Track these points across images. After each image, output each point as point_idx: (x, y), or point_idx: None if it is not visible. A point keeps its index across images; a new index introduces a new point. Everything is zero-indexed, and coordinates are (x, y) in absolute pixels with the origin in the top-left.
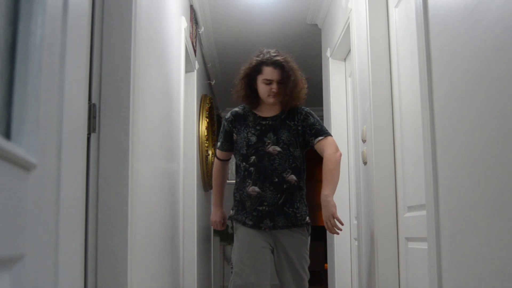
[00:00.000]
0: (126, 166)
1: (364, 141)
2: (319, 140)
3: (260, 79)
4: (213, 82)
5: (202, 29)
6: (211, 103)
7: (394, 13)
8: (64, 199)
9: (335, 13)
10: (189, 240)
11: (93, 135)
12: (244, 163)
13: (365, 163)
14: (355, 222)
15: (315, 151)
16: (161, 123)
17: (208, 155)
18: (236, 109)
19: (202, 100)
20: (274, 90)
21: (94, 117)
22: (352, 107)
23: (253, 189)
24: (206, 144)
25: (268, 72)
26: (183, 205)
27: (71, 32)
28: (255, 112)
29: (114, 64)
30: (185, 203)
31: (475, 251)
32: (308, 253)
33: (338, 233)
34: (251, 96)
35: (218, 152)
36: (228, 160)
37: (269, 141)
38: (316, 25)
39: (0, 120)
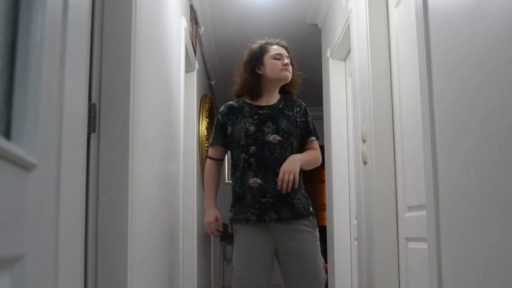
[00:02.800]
0: (126, 166)
1: (364, 141)
2: (312, 140)
3: (268, 57)
4: (213, 82)
5: (202, 29)
6: (211, 103)
7: (394, 13)
8: (64, 199)
9: (335, 13)
10: (189, 240)
11: (93, 135)
12: (243, 154)
13: (365, 163)
14: (355, 222)
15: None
16: (161, 123)
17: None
18: (230, 102)
19: (202, 100)
20: (286, 62)
21: (94, 117)
22: (352, 107)
23: (254, 180)
24: (206, 144)
25: (276, 48)
26: (183, 205)
27: (71, 32)
28: (251, 102)
29: (114, 64)
30: (185, 203)
31: (475, 251)
32: (319, 249)
33: (285, 190)
34: (254, 81)
35: (210, 149)
36: (221, 160)
37: (268, 130)
38: (316, 25)
39: (0, 120)
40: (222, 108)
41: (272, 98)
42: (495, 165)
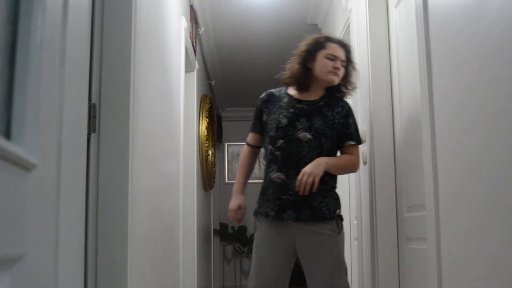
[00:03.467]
0: (126, 166)
1: (364, 141)
2: (351, 145)
3: (322, 54)
4: (213, 82)
5: (202, 29)
6: (211, 103)
7: (394, 13)
8: (64, 199)
9: (335, 13)
10: (189, 240)
11: (93, 135)
12: (271, 146)
13: (365, 163)
14: (355, 222)
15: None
16: (161, 123)
17: (208, 155)
18: (272, 89)
19: (202, 100)
20: (337, 66)
21: (94, 117)
22: (352, 107)
23: (277, 175)
24: (206, 144)
25: (334, 48)
26: (183, 205)
27: (71, 32)
28: (293, 94)
29: (114, 64)
30: (185, 203)
31: (475, 251)
32: (342, 254)
33: (303, 192)
34: (303, 75)
35: (249, 136)
36: (257, 147)
37: (300, 126)
38: (316, 25)
39: (0, 120)
40: (263, 94)
41: (315, 94)
42: (495, 165)
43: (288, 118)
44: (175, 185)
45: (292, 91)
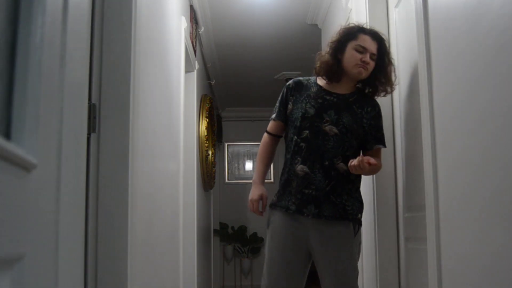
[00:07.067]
0: (126, 166)
1: None
2: (379, 148)
3: (351, 45)
4: (213, 82)
5: (202, 29)
6: (211, 103)
7: (394, 13)
8: (64, 199)
9: (335, 13)
10: (189, 240)
11: (93, 135)
12: (296, 137)
13: None
14: None
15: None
16: (161, 123)
17: (208, 155)
18: (300, 78)
19: (202, 100)
20: (365, 59)
21: (94, 117)
22: None
23: (301, 168)
24: (206, 144)
25: (365, 40)
26: (183, 205)
27: (71, 32)
28: (322, 84)
29: (114, 64)
30: (185, 203)
31: (475, 251)
32: (356, 258)
33: (353, 168)
34: (334, 65)
35: (270, 124)
36: (278, 136)
37: (327, 119)
38: (316, 25)
39: (0, 120)
40: (290, 82)
41: (346, 87)
42: (495, 165)
43: (315, 108)
44: (175, 185)
45: (321, 81)
